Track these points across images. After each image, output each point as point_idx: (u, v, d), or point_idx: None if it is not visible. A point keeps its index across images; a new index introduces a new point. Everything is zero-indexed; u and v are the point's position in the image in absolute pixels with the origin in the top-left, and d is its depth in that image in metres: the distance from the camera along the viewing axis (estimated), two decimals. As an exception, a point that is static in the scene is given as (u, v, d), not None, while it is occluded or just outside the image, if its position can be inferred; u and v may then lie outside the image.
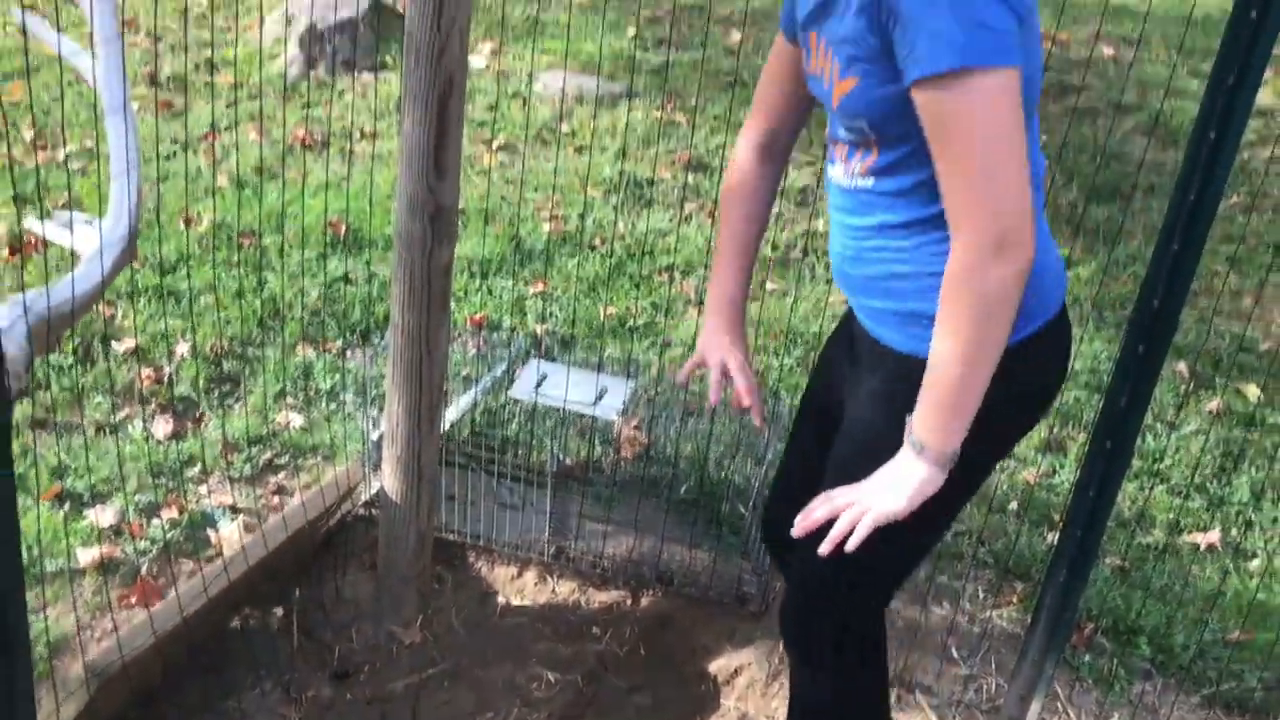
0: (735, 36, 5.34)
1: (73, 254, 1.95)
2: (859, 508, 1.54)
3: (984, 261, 1.39)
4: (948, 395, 1.47)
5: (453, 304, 2.94)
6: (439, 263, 2.30)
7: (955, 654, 2.53)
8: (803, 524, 1.57)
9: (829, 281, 4.15)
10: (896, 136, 1.50)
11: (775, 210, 4.35)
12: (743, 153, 1.81)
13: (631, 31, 5.11)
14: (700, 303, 3.91)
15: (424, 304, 2.32)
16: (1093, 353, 3.68)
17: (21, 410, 2.93)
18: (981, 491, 3.09)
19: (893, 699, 2.35)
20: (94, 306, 1.82)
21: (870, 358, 1.70)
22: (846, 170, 1.61)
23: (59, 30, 1.74)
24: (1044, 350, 1.63)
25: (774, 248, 4.30)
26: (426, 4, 2.05)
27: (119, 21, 1.71)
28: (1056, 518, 2.96)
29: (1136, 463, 3.21)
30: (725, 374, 1.82)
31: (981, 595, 2.73)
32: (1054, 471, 3.17)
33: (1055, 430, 3.34)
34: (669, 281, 4.01)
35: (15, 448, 2.49)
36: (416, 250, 2.26)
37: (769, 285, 4.06)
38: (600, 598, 2.72)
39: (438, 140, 2.15)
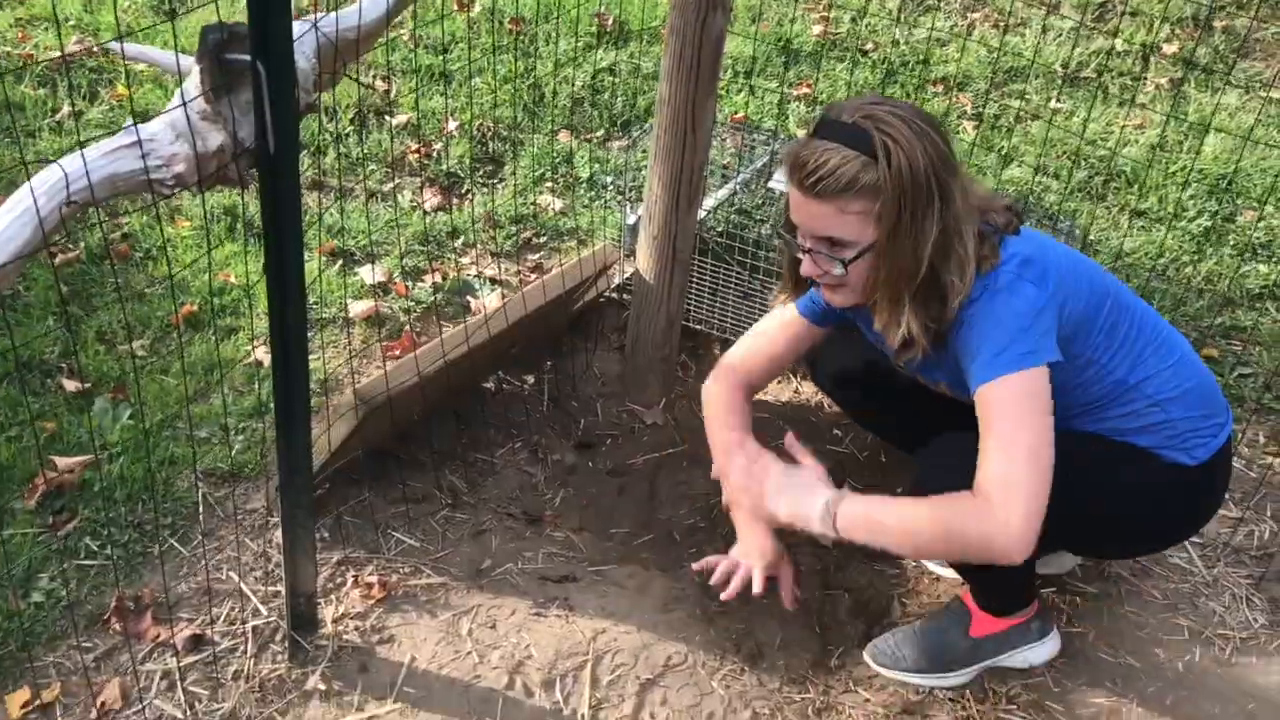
0: None
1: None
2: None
3: (983, 505, 1.56)
4: (879, 522, 1.67)
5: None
6: (711, 31, 2.21)
7: (1226, 497, 2.35)
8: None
9: (1121, 104, 3.80)
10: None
11: (1072, 23, 3.98)
12: (726, 390, 2.00)
13: None
14: (976, 117, 3.67)
15: (693, 75, 2.25)
16: None
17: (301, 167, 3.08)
18: (1275, 333, 2.83)
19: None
20: (375, 43, 1.84)
21: None
22: None
23: None
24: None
25: (1064, 65, 3.96)
26: None
27: None
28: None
29: None
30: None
31: (1262, 440, 2.51)
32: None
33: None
34: (943, 92, 3.77)
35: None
36: (690, 15, 2.18)
37: (1054, 104, 3.76)
38: (844, 401, 2.66)
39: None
